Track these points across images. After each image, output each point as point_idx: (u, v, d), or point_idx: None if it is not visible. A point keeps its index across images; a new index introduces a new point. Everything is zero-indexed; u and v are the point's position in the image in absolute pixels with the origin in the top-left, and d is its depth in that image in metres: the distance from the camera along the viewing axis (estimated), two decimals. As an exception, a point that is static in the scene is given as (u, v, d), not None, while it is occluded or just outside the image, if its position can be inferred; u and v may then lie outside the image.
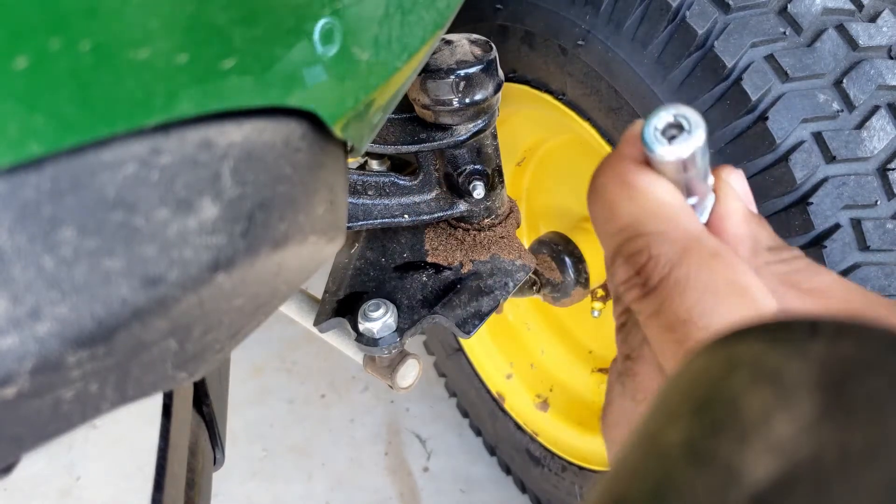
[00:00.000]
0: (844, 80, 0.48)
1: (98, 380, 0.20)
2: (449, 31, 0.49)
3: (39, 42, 0.17)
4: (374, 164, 0.59)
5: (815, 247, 0.49)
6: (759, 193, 0.51)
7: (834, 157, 0.48)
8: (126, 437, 0.36)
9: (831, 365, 0.12)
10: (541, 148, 0.86)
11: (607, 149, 0.62)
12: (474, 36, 0.51)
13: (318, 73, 0.23)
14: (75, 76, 0.18)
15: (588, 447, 0.88)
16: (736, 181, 0.25)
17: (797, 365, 0.12)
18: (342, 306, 0.56)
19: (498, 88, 0.51)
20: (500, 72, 0.51)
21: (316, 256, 0.28)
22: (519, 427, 1.01)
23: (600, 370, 0.96)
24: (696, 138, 0.22)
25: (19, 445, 0.20)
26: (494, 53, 0.50)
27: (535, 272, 0.73)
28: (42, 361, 0.17)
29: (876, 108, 0.48)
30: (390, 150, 0.52)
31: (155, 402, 0.37)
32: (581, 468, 0.84)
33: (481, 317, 0.53)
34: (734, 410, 0.12)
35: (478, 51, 0.49)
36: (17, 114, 0.17)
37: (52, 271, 0.18)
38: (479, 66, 0.49)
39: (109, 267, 0.19)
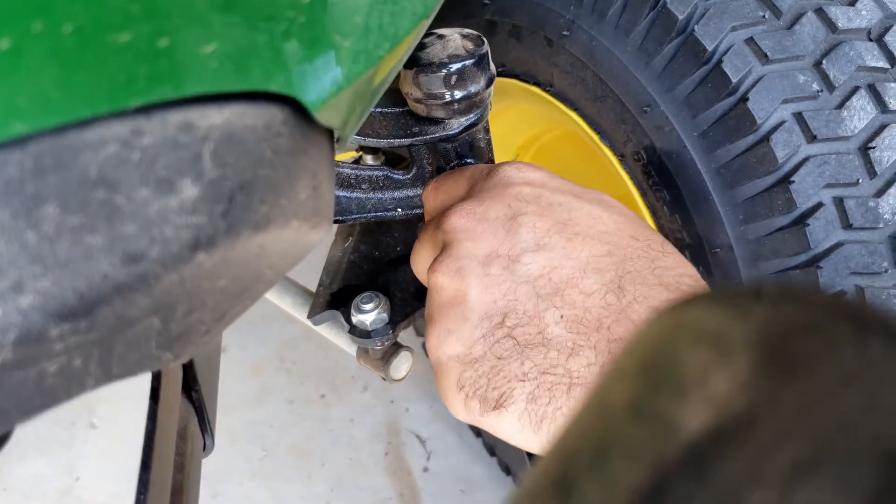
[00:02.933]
0: (824, 62, 0.49)
1: (81, 354, 0.20)
2: (440, 27, 0.50)
3: (22, 24, 0.17)
4: (369, 159, 0.59)
5: (798, 225, 0.49)
6: (742, 174, 0.51)
7: (815, 137, 0.48)
8: (126, 437, 0.37)
9: (771, 326, 0.13)
10: (533, 145, 0.87)
11: (595, 138, 0.62)
12: (466, 30, 0.51)
13: (298, 59, 0.24)
14: (57, 58, 0.18)
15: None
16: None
17: (738, 327, 0.13)
18: (336, 299, 0.56)
19: (490, 82, 0.51)
20: (492, 65, 0.51)
21: (300, 242, 0.28)
22: (517, 426, 1.01)
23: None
24: None
25: (6, 418, 0.20)
26: (486, 47, 0.50)
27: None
28: (25, 333, 0.18)
29: (856, 89, 0.48)
30: (383, 143, 0.52)
31: (148, 391, 0.38)
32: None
33: None
34: (675, 368, 0.13)
35: (470, 45, 0.50)
36: (1, 94, 0.17)
37: (35, 247, 0.18)
38: (471, 60, 0.49)
39: (91, 243, 0.19)
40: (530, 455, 0.42)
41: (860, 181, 0.48)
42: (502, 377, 0.34)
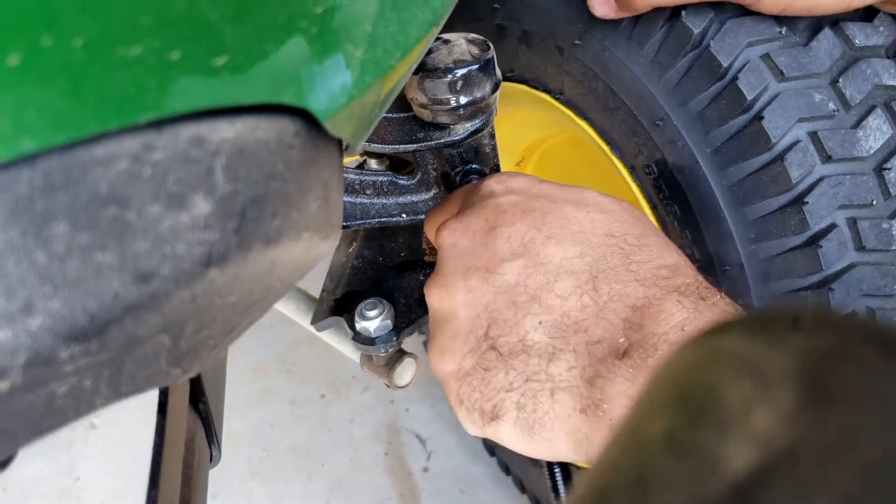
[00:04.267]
0: (840, 80, 0.48)
1: (91, 375, 0.20)
2: (447, 31, 0.49)
3: (32, 39, 0.17)
4: (373, 163, 0.59)
5: (810, 247, 0.48)
6: (755, 192, 0.50)
7: (830, 157, 0.48)
8: (126, 437, 0.36)
9: (810, 356, 0.12)
10: (539, 148, 0.87)
11: (604, 148, 0.62)
12: (472, 35, 0.51)
13: (310, 70, 0.24)
14: (68, 73, 0.18)
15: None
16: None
17: (777, 357, 0.12)
18: (339, 305, 0.56)
19: (496, 87, 0.51)
20: (498, 71, 0.51)
21: (310, 254, 0.28)
22: (518, 427, 1.01)
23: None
24: None
25: (14, 440, 0.20)
26: (492, 52, 0.50)
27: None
28: (35, 355, 0.18)
29: (872, 108, 0.47)
30: (388, 149, 0.52)
31: (155, 402, 0.38)
32: (579, 469, 0.84)
33: None
34: (715, 401, 0.12)
35: (475, 50, 0.49)
36: (11, 110, 0.17)
37: (45, 266, 0.18)
38: (477, 65, 0.49)
39: (102, 262, 0.19)
40: (535, 461, 0.42)
41: (874, 202, 0.47)
42: (492, 389, 0.35)
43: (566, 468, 0.41)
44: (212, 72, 0.20)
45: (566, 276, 0.35)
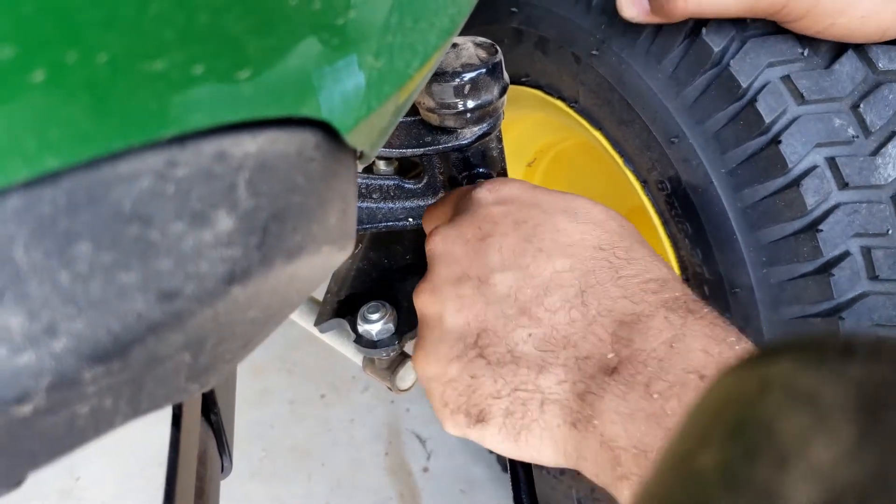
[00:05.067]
0: (862, 105, 0.47)
1: (112, 394, 0.19)
2: (462, 33, 0.49)
3: (56, 55, 0.17)
4: (382, 165, 0.58)
5: (822, 274, 0.48)
6: (769, 216, 0.50)
7: (846, 184, 0.47)
8: (126, 438, 0.36)
9: (869, 388, 0.12)
10: (552, 149, 0.86)
11: (618, 160, 0.61)
12: (479, 39, 0.51)
13: (332, 82, 0.23)
14: (92, 89, 0.17)
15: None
16: None
17: (833, 387, 0.12)
18: (343, 307, 0.56)
19: (503, 92, 0.50)
20: (506, 75, 0.50)
21: (327, 265, 0.27)
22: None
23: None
24: None
25: (34, 461, 0.19)
26: (500, 56, 0.49)
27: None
28: (58, 378, 0.17)
29: (893, 135, 0.46)
30: (395, 153, 0.51)
31: (166, 412, 0.37)
32: (578, 472, 0.84)
33: None
34: (770, 434, 0.12)
35: (483, 54, 0.49)
36: (35, 128, 0.17)
37: (68, 287, 0.18)
38: (485, 69, 0.48)
39: (125, 281, 0.18)
40: (513, 463, 0.43)
41: (890, 231, 0.46)
42: (479, 395, 0.36)
43: (529, 471, 0.42)
44: (235, 85, 0.20)
45: (555, 290, 0.36)
